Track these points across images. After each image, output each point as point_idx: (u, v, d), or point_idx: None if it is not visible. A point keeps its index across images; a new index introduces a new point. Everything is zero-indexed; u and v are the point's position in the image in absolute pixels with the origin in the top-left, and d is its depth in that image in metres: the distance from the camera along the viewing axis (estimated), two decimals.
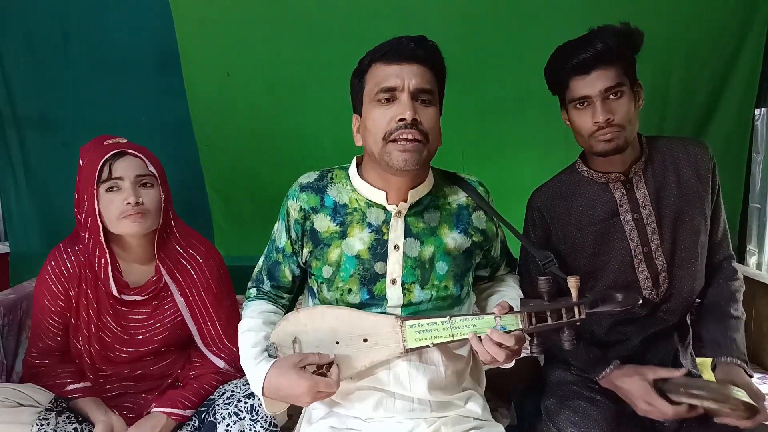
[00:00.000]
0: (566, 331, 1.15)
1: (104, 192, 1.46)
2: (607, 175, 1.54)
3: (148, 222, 1.49)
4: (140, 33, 2.39)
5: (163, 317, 1.59)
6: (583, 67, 1.41)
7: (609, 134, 1.42)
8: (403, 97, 1.22)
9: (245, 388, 1.46)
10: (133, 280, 1.57)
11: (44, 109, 2.46)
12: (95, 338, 1.54)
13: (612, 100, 1.42)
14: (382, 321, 1.27)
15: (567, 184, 1.60)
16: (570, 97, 1.47)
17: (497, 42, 2.38)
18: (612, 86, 1.41)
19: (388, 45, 1.25)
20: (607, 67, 1.41)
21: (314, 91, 2.43)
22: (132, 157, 1.49)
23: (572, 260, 1.57)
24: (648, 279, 1.52)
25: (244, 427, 1.39)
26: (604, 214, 1.54)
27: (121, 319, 1.56)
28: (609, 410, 1.43)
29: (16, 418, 1.36)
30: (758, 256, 2.48)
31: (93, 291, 1.54)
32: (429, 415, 1.33)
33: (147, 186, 1.50)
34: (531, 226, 1.63)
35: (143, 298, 1.56)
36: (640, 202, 1.53)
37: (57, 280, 1.55)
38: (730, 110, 2.44)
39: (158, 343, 1.59)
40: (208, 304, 1.61)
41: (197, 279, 1.60)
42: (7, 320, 1.81)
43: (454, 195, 1.39)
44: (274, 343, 1.33)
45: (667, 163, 1.54)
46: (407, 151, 1.21)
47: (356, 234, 1.32)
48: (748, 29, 2.35)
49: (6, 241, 2.62)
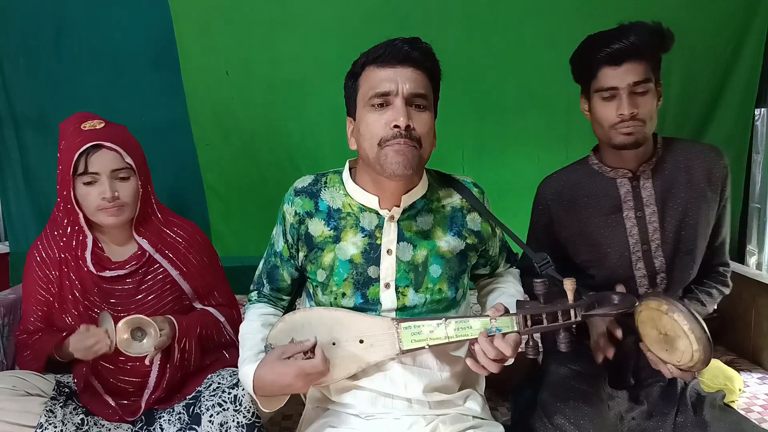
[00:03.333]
0: (562, 333, 1.15)
1: (81, 184, 1.51)
2: (615, 170, 1.56)
3: (125, 214, 1.54)
4: (139, 32, 2.39)
5: (151, 288, 1.60)
6: (615, 58, 1.43)
7: (630, 128, 1.44)
8: (397, 103, 1.21)
9: (231, 378, 1.46)
10: (115, 257, 1.59)
11: (42, 109, 2.45)
12: (85, 317, 1.55)
13: (638, 94, 1.44)
14: (378, 322, 1.27)
15: (576, 174, 1.63)
16: (597, 86, 1.47)
17: (497, 42, 2.38)
18: (640, 81, 1.43)
19: (382, 47, 1.23)
20: (637, 61, 1.43)
21: (313, 90, 2.43)
22: (108, 150, 1.50)
23: (572, 247, 1.60)
24: (645, 277, 1.53)
25: (227, 417, 1.38)
26: (608, 207, 1.57)
27: (108, 297, 1.57)
28: (603, 405, 1.44)
29: (25, 407, 1.39)
30: (758, 256, 2.48)
31: (75, 272, 1.57)
32: (428, 412, 1.33)
33: (123, 179, 1.53)
34: (535, 212, 1.68)
35: (126, 272, 1.58)
36: (644, 200, 1.54)
37: (38, 267, 1.59)
38: (730, 110, 2.43)
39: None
40: (200, 267, 1.67)
41: (185, 250, 1.65)
42: (7, 320, 1.81)
43: (449, 198, 1.39)
44: (271, 345, 1.33)
45: (679, 164, 1.55)
46: (401, 154, 1.20)
47: (350, 238, 1.32)
48: (748, 29, 2.34)
49: (6, 241, 2.62)
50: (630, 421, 1.50)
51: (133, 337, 1.46)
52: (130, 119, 1.64)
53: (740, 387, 1.89)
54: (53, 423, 1.39)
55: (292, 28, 2.37)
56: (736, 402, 1.84)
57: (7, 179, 2.54)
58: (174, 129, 2.46)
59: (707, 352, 1.16)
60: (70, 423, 1.42)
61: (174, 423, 1.50)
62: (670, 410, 1.48)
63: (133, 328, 1.46)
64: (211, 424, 1.38)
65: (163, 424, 1.53)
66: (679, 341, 1.19)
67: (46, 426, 1.37)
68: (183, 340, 1.55)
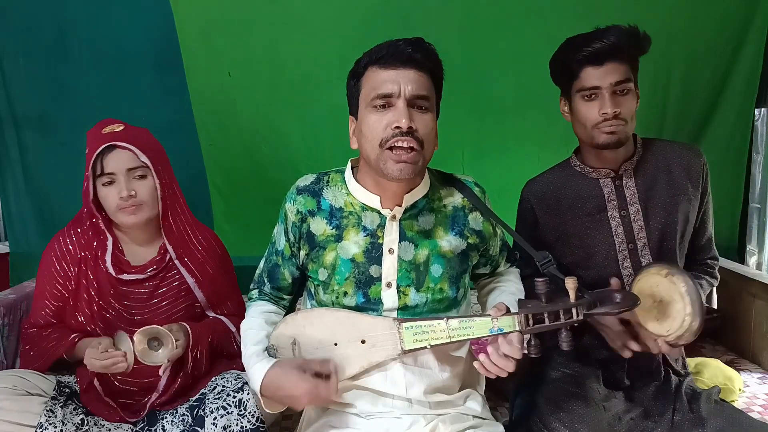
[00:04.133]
0: (564, 332, 1.15)
1: (101, 185, 1.53)
2: (598, 171, 1.58)
3: (144, 212, 1.55)
4: (141, 33, 2.39)
5: (165, 295, 1.61)
6: (596, 57, 1.45)
7: (613, 126, 1.46)
8: (399, 104, 1.21)
9: (236, 382, 1.46)
10: (135, 260, 1.61)
11: (43, 109, 2.46)
12: (98, 317, 1.56)
13: (619, 94, 1.47)
14: (380, 323, 1.27)
15: (559, 176, 1.65)
16: (579, 86, 1.49)
17: (497, 42, 2.39)
18: (622, 80, 1.46)
19: (385, 48, 1.23)
20: (618, 61, 1.45)
21: (315, 90, 2.43)
22: (122, 150, 1.52)
23: (558, 249, 1.60)
24: (632, 276, 1.53)
25: (231, 421, 1.39)
26: (592, 208, 1.58)
27: (123, 299, 1.58)
28: (598, 408, 1.44)
29: (26, 407, 1.39)
30: (758, 256, 2.48)
31: (93, 271, 1.58)
32: (428, 411, 1.33)
33: (139, 177, 1.54)
34: (520, 215, 1.70)
35: (144, 276, 1.59)
36: (628, 199, 1.56)
37: (57, 261, 1.59)
38: (730, 110, 2.44)
39: (161, 323, 1.58)
40: (216, 276, 1.68)
41: (203, 259, 1.66)
42: (7, 320, 1.81)
43: (450, 197, 1.39)
44: (273, 345, 1.33)
45: (659, 164, 1.58)
46: (402, 162, 1.20)
47: (351, 237, 1.32)
48: (748, 29, 2.35)
49: (6, 241, 2.62)
50: (628, 422, 1.50)
51: (149, 347, 1.47)
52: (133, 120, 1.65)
53: (740, 387, 1.89)
54: (53, 423, 1.39)
55: (294, 29, 2.37)
56: (736, 402, 1.84)
57: (7, 179, 2.54)
58: (178, 129, 2.46)
59: (698, 319, 1.19)
60: (70, 423, 1.42)
61: (177, 425, 1.50)
62: (667, 409, 1.48)
63: (149, 338, 1.47)
64: (215, 427, 1.39)
65: (166, 425, 1.52)
66: (673, 307, 1.23)
67: (46, 426, 1.37)
68: (196, 348, 1.55)
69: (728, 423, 1.36)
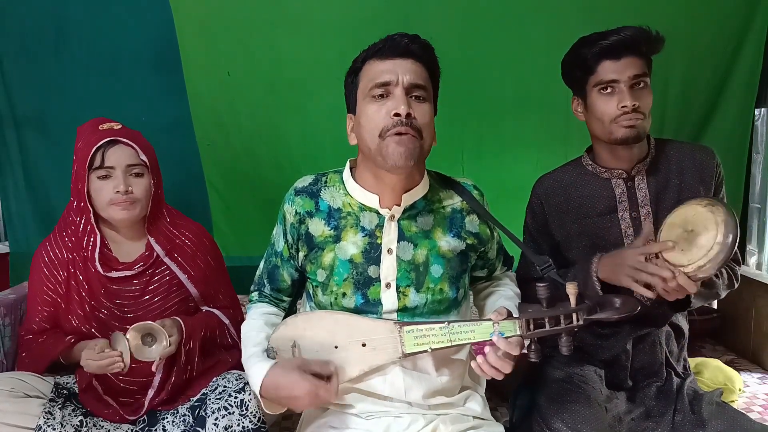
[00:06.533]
0: (564, 337, 1.15)
1: (96, 178, 1.54)
2: (610, 171, 1.56)
3: (137, 210, 1.57)
4: (140, 33, 2.38)
5: (157, 291, 1.62)
6: (614, 51, 1.44)
7: (632, 120, 1.45)
8: (397, 92, 1.22)
9: (237, 382, 1.46)
10: (123, 257, 1.61)
11: (42, 109, 2.45)
12: (92, 317, 1.57)
13: (637, 88, 1.46)
14: (381, 326, 1.27)
15: (570, 175, 1.63)
16: (596, 80, 1.48)
17: (497, 42, 2.38)
18: (639, 74, 1.45)
19: (382, 42, 1.26)
20: (635, 55, 1.45)
21: (315, 91, 2.42)
22: (124, 146, 1.55)
23: (566, 249, 1.60)
24: None
25: (232, 421, 1.39)
26: (602, 208, 1.57)
27: (115, 297, 1.59)
28: (600, 408, 1.44)
29: (25, 408, 1.40)
30: (758, 256, 2.48)
31: (83, 273, 1.59)
32: (428, 411, 1.33)
33: (137, 175, 1.57)
34: (530, 212, 1.68)
35: (133, 273, 1.60)
36: (639, 201, 1.54)
37: (45, 266, 1.61)
38: (730, 110, 2.43)
39: (154, 319, 1.59)
40: (207, 270, 1.69)
41: (193, 254, 1.67)
42: (7, 320, 1.81)
43: (449, 199, 1.39)
44: (273, 347, 1.33)
45: (671, 166, 1.56)
46: (402, 145, 1.20)
47: (350, 238, 1.32)
48: (748, 29, 2.34)
49: (6, 241, 2.62)
50: (629, 423, 1.51)
51: (143, 342, 1.47)
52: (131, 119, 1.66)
53: (740, 387, 1.90)
54: (52, 425, 1.39)
55: (294, 29, 2.36)
56: (736, 402, 1.85)
57: (7, 179, 2.53)
58: (176, 129, 2.45)
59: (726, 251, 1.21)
60: (68, 424, 1.43)
61: (178, 425, 1.50)
62: (668, 409, 1.49)
63: (143, 334, 1.47)
64: (216, 427, 1.39)
65: (167, 425, 1.52)
66: (703, 237, 1.24)
67: (45, 428, 1.38)
68: (188, 342, 1.56)
69: (729, 425, 1.37)
